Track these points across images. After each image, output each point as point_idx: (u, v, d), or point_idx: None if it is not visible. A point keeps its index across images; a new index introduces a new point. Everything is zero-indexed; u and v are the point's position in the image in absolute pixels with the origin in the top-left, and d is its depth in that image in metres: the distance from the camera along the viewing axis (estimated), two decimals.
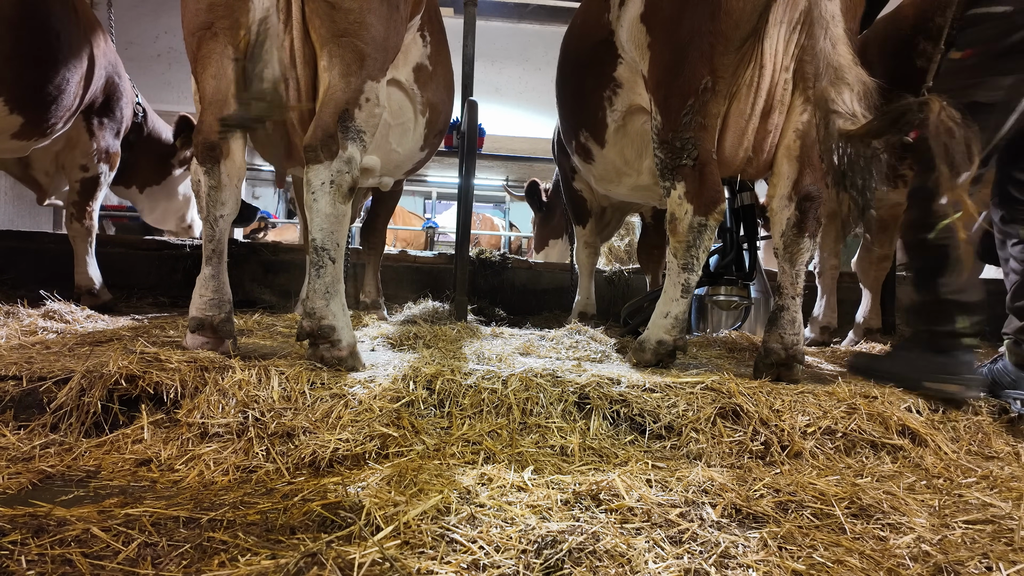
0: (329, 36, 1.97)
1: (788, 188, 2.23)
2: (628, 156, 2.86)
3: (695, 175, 2.18)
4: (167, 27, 7.97)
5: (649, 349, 2.32)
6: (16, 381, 1.69)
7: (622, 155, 2.88)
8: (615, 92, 2.70)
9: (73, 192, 3.39)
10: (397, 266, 4.42)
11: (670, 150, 2.22)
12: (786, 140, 2.25)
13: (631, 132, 2.75)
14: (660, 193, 2.34)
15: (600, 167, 3.11)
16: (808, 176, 2.20)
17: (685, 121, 2.16)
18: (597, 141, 2.93)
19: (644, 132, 2.67)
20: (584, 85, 2.92)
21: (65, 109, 2.94)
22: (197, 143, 2.01)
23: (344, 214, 1.97)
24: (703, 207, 2.18)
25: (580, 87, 2.98)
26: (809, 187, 2.19)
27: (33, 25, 2.68)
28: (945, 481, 1.59)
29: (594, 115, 2.84)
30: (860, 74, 2.02)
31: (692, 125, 2.15)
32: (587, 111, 2.90)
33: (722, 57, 2.10)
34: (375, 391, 1.74)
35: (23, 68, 2.67)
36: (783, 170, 2.25)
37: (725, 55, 2.10)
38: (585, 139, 3.03)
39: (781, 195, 2.24)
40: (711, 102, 2.14)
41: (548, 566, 1.01)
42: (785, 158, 2.25)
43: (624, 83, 2.65)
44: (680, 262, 2.25)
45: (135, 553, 1.01)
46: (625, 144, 2.82)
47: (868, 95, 2.02)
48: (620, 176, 3.04)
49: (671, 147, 2.21)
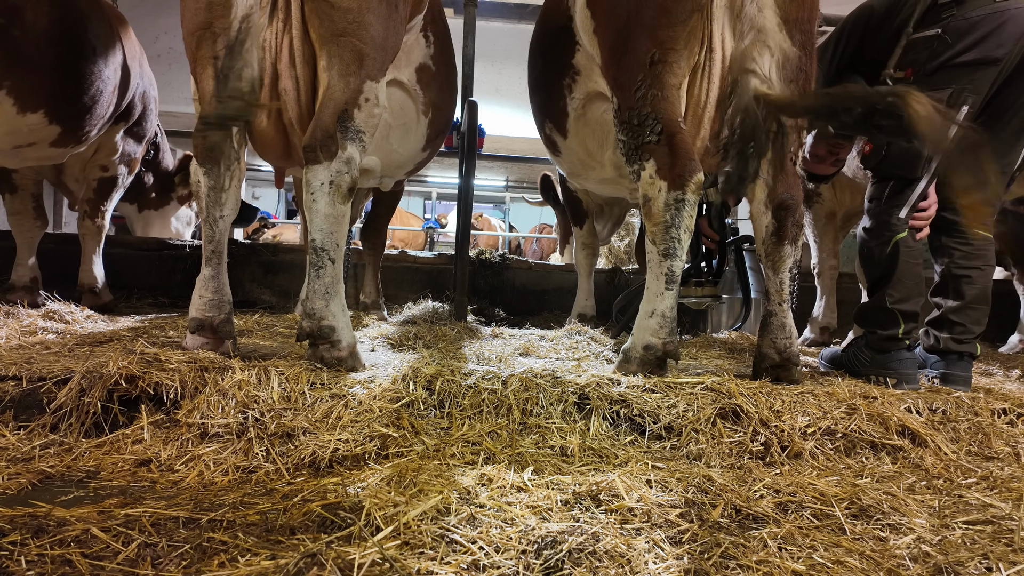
0: (328, 36, 1.97)
1: (764, 195, 2.18)
2: (590, 147, 2.80)
3: (663, 149, 2.03)
4: (167, 27, 7.97)
5: (635, 358, 2.08)
6: (16, 381, 1.69)
7: (584, 146, 2.83)
8: (574, 79, 2.64)
9: (89, 190, 3.43)
10: (397, 266, 4.42)
11: (630, 130, 2.10)
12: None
13: (591, 121, 2.69)
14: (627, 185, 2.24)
15: (567, 160, 3.07)
16: (781, 184, 2.15)
17: (639, 96, 2.06)
18: (560, 132, 2.89)
19: (604, 121, 2.58)
20: (547, 74, 2.89)
21: (99, 118, 3.05)
22: (196, 143, 2.01)
23: (343, 214, 1.97)
24: (677, 180, 2.01)
25: (544, 76, 2.95)
26: (783, 195, 2.15)
27: (72, 40, 2.81)
28: (945, 482, 1.59)
29: (556, 105, 2.80)
30: (782, 41, 2.01)
31: (648, 99, 2.04)
32: (551, 101, 2.86)
33: (667, 30, 2.03)
34: (375, 391, 1.74)
35: (62, 81, 2.80)
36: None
37: (670, 28, 2.02)
38: (550, 130, 2.99)
39: (758, 201, 2.20)
40: (665, 73, 2.04)
41: (548, 566, 1.01)
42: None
43: (582, 70, 2.59)
44: (660, 248, 2.05)
45: (135, 553, 1.01)
46: (587, 134, 2.76)
47: (786, 65, 2.03)
48: (586, 169, 3.00)
49: (630, 126, 2.10)
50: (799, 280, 4.03)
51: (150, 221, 4.75)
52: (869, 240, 2.44)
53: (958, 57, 2.23)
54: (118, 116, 3.26)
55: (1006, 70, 2.26)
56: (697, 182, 2.02)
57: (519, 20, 4.88)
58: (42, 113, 2.77)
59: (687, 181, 2.01)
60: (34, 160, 3.09)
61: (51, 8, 2.70)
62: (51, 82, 2.75)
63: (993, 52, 2.21)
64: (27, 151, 2.93)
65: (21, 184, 3.30)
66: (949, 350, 2.44)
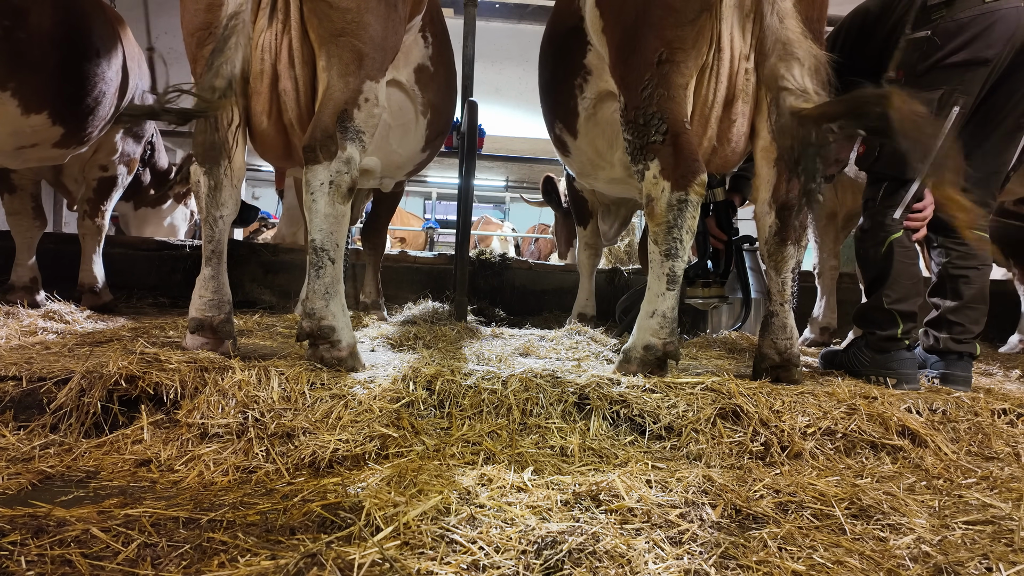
0: (327, 36, 1.97)
1: (768, 194, 2.19)
2: (600, 147, 2.81)
3: (667, 149, 2.03)
4: (166, 27, 7.96)
5: (635, 358, 2.09)
6: (16, 381, 1.69)
7: (594, 146, 2.83)
8: (585, 80, 2.65)
9: (89, 190, 3.44)
10: (397, 266, 4.42)
11: (635, 129, 2.10)
12: (763, 142, 2.20)
13: (601, 121, 2.70)
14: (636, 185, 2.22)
15: (577, 160, 3.08)
16: (785, 183, 2.15)
17: (645, 96, 2.06)
18: (570, 132, 2.90)
19: (614, 121, 2.57)
20: (558, 74, 2.89)
21: (101, 119, 3.07)
22: (197, 143, 2.01)
23: (343, 214, 1.97)
24: (680, 181, 2.01)
25: (555, 76, 2.95)
26: (787, 195, 2.15)
27: (75, 42, 2.83)
28: (945, 482, 1.59)
29: (567, 105, 2.80)
30: (810, 47, 2.00)
31: (654, 98, 2.04)
32: (561, 101, 2.86)
33: (675, 29, 2.02)
34: (375, 392, 1.74)
35: (66, 83, 2.82)
36: (763, 173, 2.22)
37: (677, 27, 2.02)
38: (560, 131, 3.00)
39: (762, 201, 2.21)
40: (672, 73, 2.03)
41: (548, 567, 1.01)
42: (764, 161, 2.21)
43: (593, 70, 2.60)
44: (662, 248, 2.05)
45: (135, 554, 1.01)
46: (597, 134, 2.77)
47: (819, 70, 2.01)
48: (595, 169, 3.00)
49: (636, 126, 2.10)
50: (799, 280, 4.03)
51: (146, 219, 4.77)
52: (865, 241, 2.45)
53: (948, 58, 2.24)
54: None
55: (997, 71, 2.26)
56: (701, 183, 2.02)
57: (519, 20, 4.88)
58: (46, 114, 2.78)
59: (690, 182, 2.01)
60: (36, 161, 3.10)
61: (55, 11, 2.71)
62: (55, 84, 2.76)
63: (983, 53, 2.21)
64: (30, 152, 2.94)
65: (20, 184, 3.30)
66: (949, 350, 2.45)
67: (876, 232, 2.39)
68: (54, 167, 3.44)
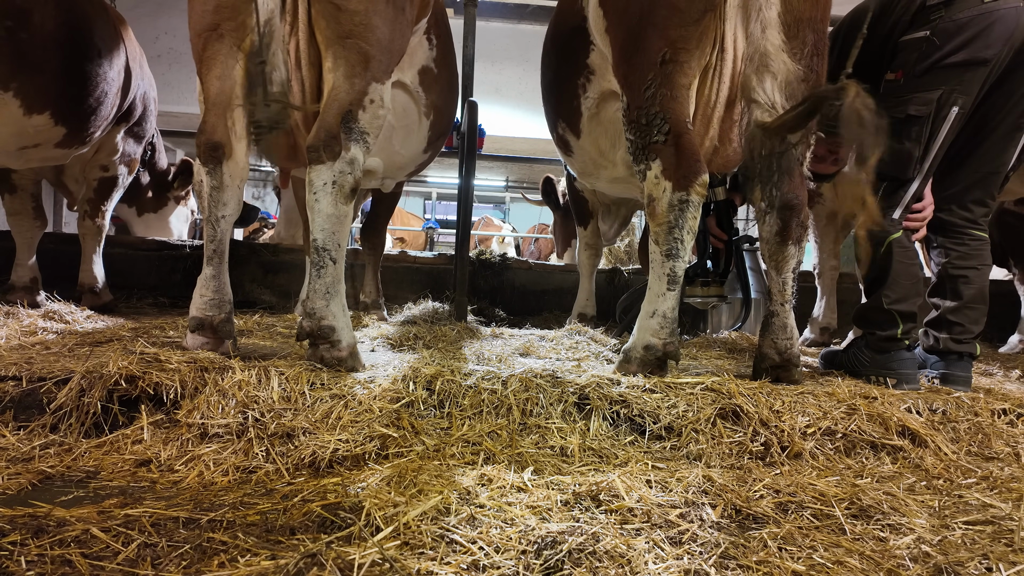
0: (334, 37, 1.97)
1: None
2: (603, 146, 2.81)
3: (669, 150, 2.02)
4: (167, 27, 7.97)
5: (635, 359, 2.09)
6: (16, 381, 1.69)
7: (597, 145, 2.84)
8: (588, 79, 2.65)
9: (89, 190, 3.44)
10: (397, 266, 4.42)
11: (637, 129, 2.09)
12: None
13: (605, 120, 2.70)
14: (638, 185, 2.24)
15: (579, 160, 3.08)
16: (786, 184, 2.14)
17: (648, 95, 2.06)
18: (573, 131, 2.90)
19: (617, 120, 2.56)
20: (561, 74, 2.89)
21: (103, 119, 3.08)
22: (200, 143, 2.01)
23: (346, 215, 1.97)
24: (682, 181, 2.00)
25: (558, 76, 2.95)
26: (788, 195, 2.13)
27: (77, 42, 2.84)
28: (945, 482, 1.59)
29: (570, 104, 2.80)
30: (785, 61, 2.00)
31: (657, 98, 2.03)
32: (564, 101, 2.86)
33: (678, 29, 2.02)
34: (375, 392, 1.74)
35: (68, 83, 2.82)
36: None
37: (682, 27, 2.02)
38: (563, 130, 3.00)
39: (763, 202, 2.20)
40: (675, 73, 2.03)
41: (548, 567, 1.01)
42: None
43: (596, 70, 2.60)
44: (663, 249, 2.04)
45: (135, 554, 1.01)
46: (600, 133, 2.77)
47: (789, 84, 2.01)
48: (598, 168, 3.01)
49: (638, 126, 2.09)
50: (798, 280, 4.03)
51: (149, 223, 4.80)
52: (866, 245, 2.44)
53: (947, 58, 2.24)
54: (119, 117, 3.28)
55: (996, 71, 2.27)
56: (702, 183, 2.02)
57: (519, 20, 4.88)
58: (48, 115, 2.79)
59: (692, 182, 2.00)
60: (38, 161, 3.10)
61: (57, 11, 2.72)
62: (57, 84, 2.77)
63: (982, 53, 2.22)
64: (32, 152, 2.95)
65: (20, 184, 3.31)
66: (949, 350, 2.45)
67: (875, 232, 2.38)
68: (55, 167, 3.44)
